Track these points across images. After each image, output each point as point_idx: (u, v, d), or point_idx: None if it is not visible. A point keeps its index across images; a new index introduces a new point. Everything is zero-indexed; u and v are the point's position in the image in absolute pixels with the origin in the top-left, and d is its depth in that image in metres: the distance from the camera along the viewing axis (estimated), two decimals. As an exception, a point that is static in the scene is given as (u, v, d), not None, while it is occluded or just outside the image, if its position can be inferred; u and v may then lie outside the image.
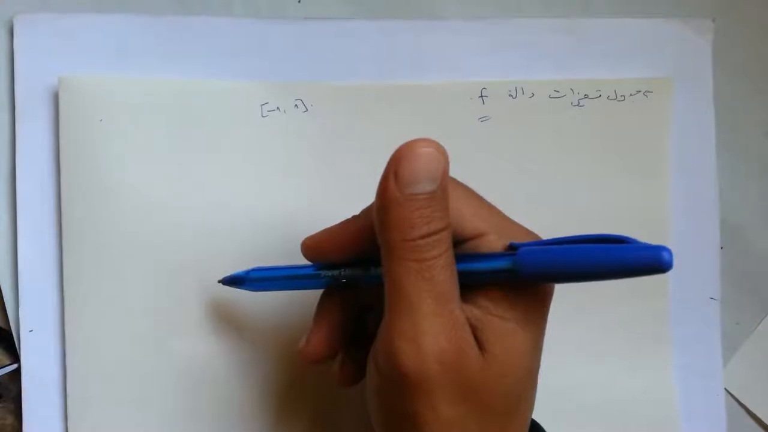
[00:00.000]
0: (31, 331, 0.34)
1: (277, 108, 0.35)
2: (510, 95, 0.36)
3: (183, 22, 0.35)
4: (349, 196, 0.35)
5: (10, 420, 0.34)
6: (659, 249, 0.23)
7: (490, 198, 0.27)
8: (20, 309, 0.34)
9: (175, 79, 0.35)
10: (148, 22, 0.35)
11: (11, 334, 0.34)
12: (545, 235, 0.27)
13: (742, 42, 0.38)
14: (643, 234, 0.36)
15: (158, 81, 0.35)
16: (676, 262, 0.36)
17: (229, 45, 0.35)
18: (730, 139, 0.38)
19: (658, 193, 0.37)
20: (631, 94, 0.37)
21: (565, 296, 0.29)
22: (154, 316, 0.34)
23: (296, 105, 0.35)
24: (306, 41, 0.36)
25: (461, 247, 0.26)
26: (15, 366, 0.34)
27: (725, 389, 0.37)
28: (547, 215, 0.36)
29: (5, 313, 0.34)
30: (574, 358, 0.36)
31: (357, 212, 0.28)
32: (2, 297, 0.34)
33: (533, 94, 0.36)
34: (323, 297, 0.30)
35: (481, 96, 0.36)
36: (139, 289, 0.34)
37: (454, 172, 0.25)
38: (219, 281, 0.32)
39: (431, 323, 0.24)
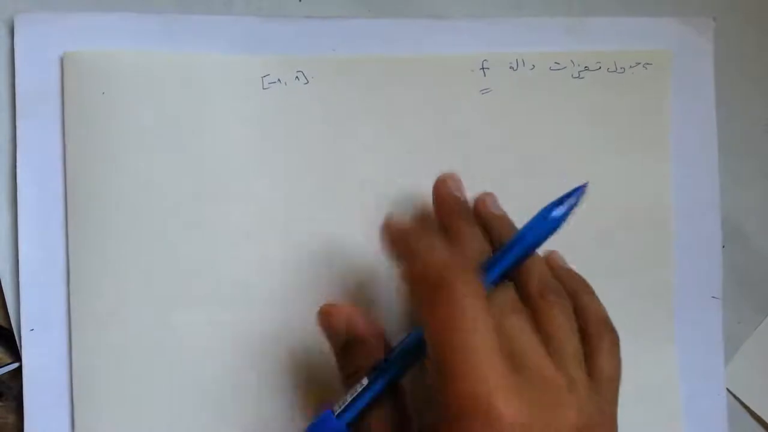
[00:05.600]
0: (32, 329, 0.34)
1: (278, 80, 0.35)
2: (511, 67, 0.36)
3: (183, 21, 0.35)
4: (350, 168, 0.35)
5: (11, 419, 0.34)
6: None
7: (489, 171, 0.27)
8: (21, 307, 0.34)
9: (175, 53, 0.35)
10: (148, 21, 0.35)
11: (12, 333, 0.34)
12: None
13: (743, 41, 0.38)
14: (644, 215, 0.37)
15: (159, 54, 0.35)
16: (678, 261, 0.37)
17: (229, 44, 0.35)
18: (731, 139, 0.38)
19: (658, 163, 0.37)
20: (630, 66, 0.37)
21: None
22: (162, 302, 0.34)
23: (297, 77, 0.35)
24: (306, 40, 0.36)
25: None
26: (16, 365, 0.34)
27: (726, 388, 0.37)
28: (546, 187, 0.35)
29: (6, 312, 0.34)
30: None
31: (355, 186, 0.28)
32: (3, 295, 0.34)
33: (534, 66, 0.36)
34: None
35: (482, 68, 0.36)
36: (146, 273, 0.34)
37: (454, 144, 0.25)
38: None
39: None
